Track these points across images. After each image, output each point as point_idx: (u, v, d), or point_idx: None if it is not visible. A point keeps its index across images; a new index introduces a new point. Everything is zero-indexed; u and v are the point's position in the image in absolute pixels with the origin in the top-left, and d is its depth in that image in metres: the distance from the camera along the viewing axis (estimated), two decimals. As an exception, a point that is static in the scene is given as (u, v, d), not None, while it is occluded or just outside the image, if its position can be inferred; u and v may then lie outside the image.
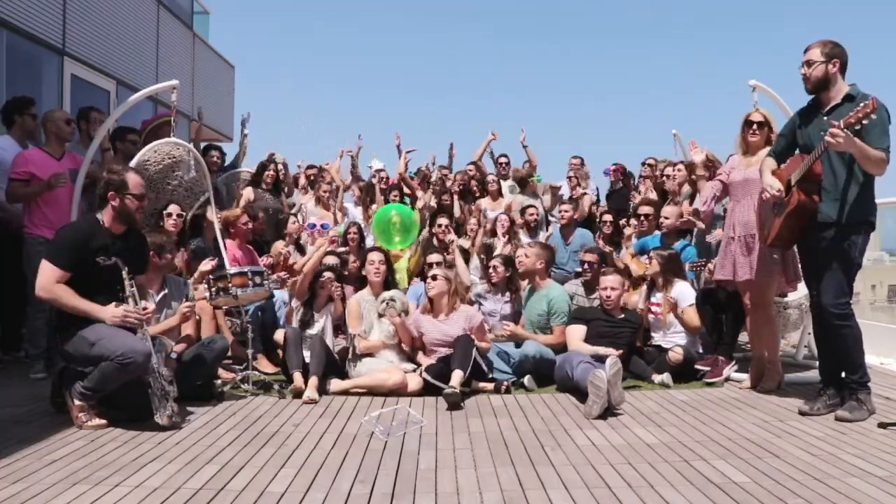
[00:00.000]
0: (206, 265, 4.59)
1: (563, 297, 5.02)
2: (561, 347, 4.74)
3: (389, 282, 4.98)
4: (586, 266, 5.43)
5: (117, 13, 9.25)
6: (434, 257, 5.50)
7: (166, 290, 4.28)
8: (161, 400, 3.43)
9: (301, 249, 6.16)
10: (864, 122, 3.33)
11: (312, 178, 7.71)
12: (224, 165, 7.23)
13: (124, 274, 3.54)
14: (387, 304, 4.57)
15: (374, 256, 4.92)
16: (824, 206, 3.62)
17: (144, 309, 3.60)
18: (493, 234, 6.49)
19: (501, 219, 6.50)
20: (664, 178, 6.50)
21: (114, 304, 3.50)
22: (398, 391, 4.26)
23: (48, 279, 3.42)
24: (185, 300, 4.20)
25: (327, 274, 4.97)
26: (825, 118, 3.65)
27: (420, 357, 4.64)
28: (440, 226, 6.28)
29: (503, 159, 8.07)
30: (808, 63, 3.66)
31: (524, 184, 7.44)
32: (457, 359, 4.21)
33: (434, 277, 4.66)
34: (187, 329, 4.23)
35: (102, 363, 3.37)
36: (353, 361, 4.57)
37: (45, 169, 4.79)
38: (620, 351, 4.33)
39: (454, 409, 3.90)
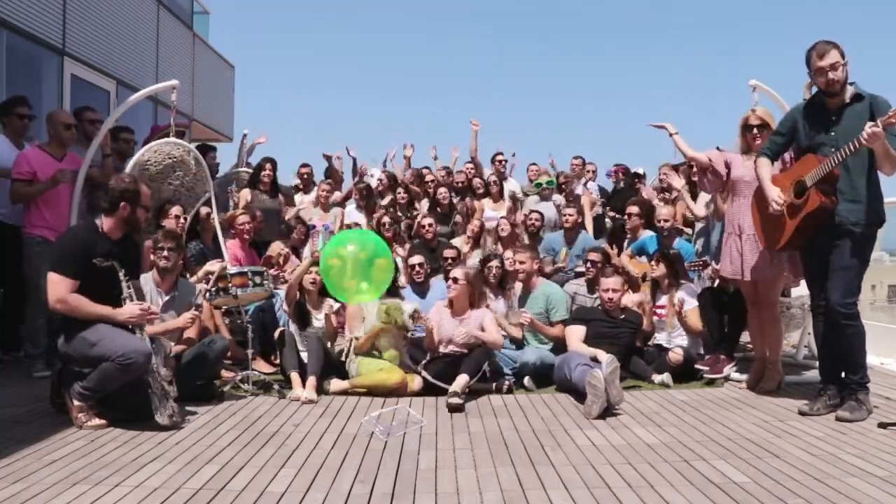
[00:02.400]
0: (214, 265, 4.56)
1: (560, 292, 5.03)
2: (562, 343, 4.74)
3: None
4: (589, 265, 5.43)
5: (117, 13, 9.24)
6: (416, 259, 5.39)
7: (176, 292, 4.28)
8: (161, 400, 3.43)
9: (298, 252, 6.15)
10: None
11: (306, 176, 7.70)
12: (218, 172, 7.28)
13: (121, 276, 3.54)
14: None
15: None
16: (842, 208, 3.62)
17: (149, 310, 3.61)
18: (498, 238, 6.47)
19: (502, 223, 6.49)
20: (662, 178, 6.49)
21: (130, 304, 3.52)
22: (398, 391, 4.26)
23: (60, 291, 3.41)
24: (193, 305, 4.20)
25: (314, 269, 4.92)
26: (834, 118, 3.65)
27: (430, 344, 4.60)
28: (422, 226, 6.29)
29: (500, 157, 8.04)
30: (834, 66, 3.58)
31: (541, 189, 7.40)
32: (468, 364, 4.17)
33: (455, 280, 4.62)
34: (189, 331, 4.23)
35: (103, 364, 3.37)
36: (352, 362, 4.55)
37: (46, 169, 4.79)
38: (620, 346, 4.37)
39: (455, 412, 3.89)
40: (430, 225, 6.26)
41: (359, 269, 4.18)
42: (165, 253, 4.21)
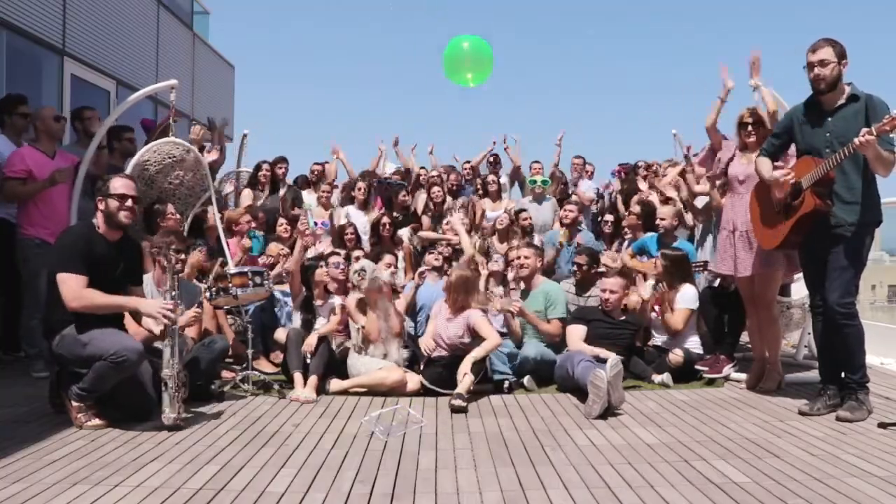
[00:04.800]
0: (197, 256, 4.56)
1: (559, 290, 5.04)
2: (558, 341, 4.74)
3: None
4: (575, 267, 5.44)
5: (117, 13, 9.24)
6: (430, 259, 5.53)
7: (176, 292, 4.28)
8: (173, 400, 3.43)
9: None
10: None
11: (317, 173, 7.70)
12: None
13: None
14: (357, 274, 4.61)
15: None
16: (838, 210, 3.62)
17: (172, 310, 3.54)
18: (493, 234, 6.49)
19: (501, 218, 6.52)
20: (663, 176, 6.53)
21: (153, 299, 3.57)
22: (397, 390, 4.26)
23: (75, 288, 3.40)
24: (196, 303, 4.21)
25: (332, 259, 4.97)
26: (829, 119, 3.65)
27: (427, 340, 4.58)
28: (447, 223, 6.39)
29: (491, 158, 8.11)
30: (822, 63, 3.60)
31: (521, 182, 7.44)
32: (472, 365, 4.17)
33: (449, 272, 4.66)
34: (189, 331, 4.23)
35: (96, 363, 3.37)
36: (359, 353, 4.56)
37: (41, 167, 4.77)
38: (621, 357, 4.34)
39: (458, 412, 3.87)
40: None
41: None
42: (183, 256, 4.30)
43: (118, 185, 3.64)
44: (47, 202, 4.82)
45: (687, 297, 4.80)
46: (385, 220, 6.31)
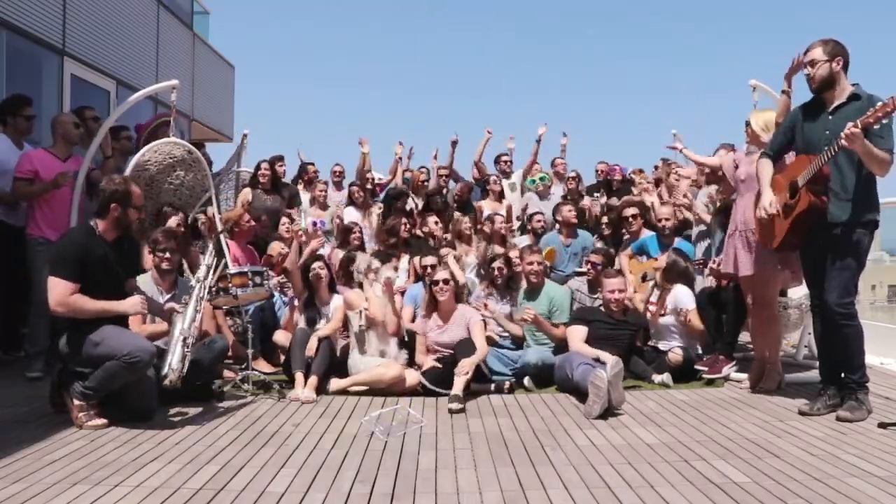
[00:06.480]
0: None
1: (564, 294, 5.04)
2: (562, 344, 4.75)
3: None
4: (590, 266, 5.45)
5: (117, 13, 9.23)
6: (429, 260, 5.47)
7: (177, 291, 4.29)
8: (185, 359, 3.56)
9: (299, 250, 6.15)
10: (884, 121, 3.33)
11: (315, 173, 7.69)
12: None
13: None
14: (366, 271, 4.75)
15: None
16: (833, 207, 3.62)
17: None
18: (489, 238, 6.45)
19: (497, 219, 6.48)
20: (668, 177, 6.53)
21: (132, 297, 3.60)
22: (397, 385, 4.26)
23: (60, 294, 3.41)
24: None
25: (317, 264, 4.97)
26: (830, 117, 3.65)
27: (421, 358, 4.62)
28: (436, 223, 6.35)
29: (505, 157, 8.06)
30: (812, 63, 3.64)
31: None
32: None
33: (446, 282, 4.62)
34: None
35: (108, 363, 3.38)
36: (361, 344, 4.56)
37: (49, 169, 4.82)
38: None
39: (457, 413, 3.88)
40: (434, 222, 6.42)
41: None
42: (167, 255, 4.25)
43: (137, 195, 3.69)
44: (52, 203, 4.87)
45: (685, 298, 4.81)
46: (404, 221, 6.34)
